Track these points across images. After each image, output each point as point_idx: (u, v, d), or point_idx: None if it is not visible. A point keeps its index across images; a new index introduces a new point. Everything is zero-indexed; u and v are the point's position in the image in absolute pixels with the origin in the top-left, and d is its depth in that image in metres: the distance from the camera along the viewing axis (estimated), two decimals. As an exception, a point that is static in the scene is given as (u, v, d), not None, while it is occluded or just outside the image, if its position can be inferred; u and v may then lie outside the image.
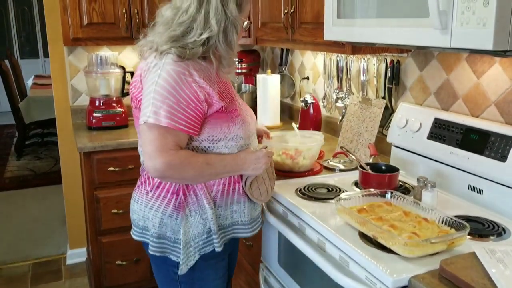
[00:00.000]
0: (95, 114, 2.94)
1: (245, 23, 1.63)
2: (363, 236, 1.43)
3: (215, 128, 1.54)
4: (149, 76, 1.50)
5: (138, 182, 1.68)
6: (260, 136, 1.96)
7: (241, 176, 1.66)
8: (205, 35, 1.49)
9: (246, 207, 1.67)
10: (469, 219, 1.53)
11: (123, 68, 3.06)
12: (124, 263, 2.84)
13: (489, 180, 1.64)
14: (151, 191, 1.61)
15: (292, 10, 2.28)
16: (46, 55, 8.91)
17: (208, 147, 1.56)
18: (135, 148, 2.69)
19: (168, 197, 1.57)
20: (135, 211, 1.67)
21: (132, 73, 3.10)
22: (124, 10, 2.86)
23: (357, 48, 1.94)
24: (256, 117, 2.00)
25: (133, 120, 3.06)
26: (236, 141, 1.59)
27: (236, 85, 3.34)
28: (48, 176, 5.33)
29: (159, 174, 1.46)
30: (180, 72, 1.46)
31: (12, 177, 5.38)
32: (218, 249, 1.61)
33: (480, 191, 1.68)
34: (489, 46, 1.15)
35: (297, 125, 2.70)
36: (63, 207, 3.47)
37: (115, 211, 2.75)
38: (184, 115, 1.45)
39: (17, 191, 4.98)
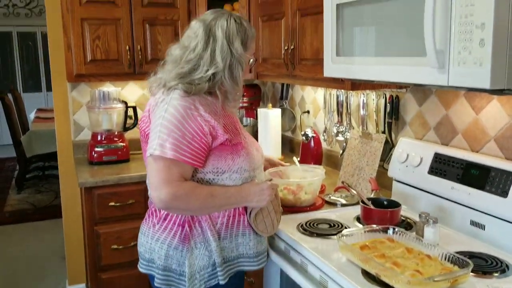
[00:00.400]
0: (96, 149, 2.96)
1: (251, 60, 1.69)
2: (366, 273, 1.42)
3: (220, 160, 1.58)
4: (157, 111, 1.56)
5: (146, 215, 1.71)
6: (267, 166, 2.00)
7: (245, 208, 1.67)
8: (211, 71, 1.56)
9: (252, 240, 1.68)
10: (471, 255, 1.52)
11: (125, 103, 3.09)
12: (124, 299, 2.81)
13: (491, 215, 1.64)
14: (157, 223, 1.63)
15: (292, 47, 2.33)
16: (48, 88, 9.00)
17: (213, 179, 1.59)
18: (136, 183, 2.73)
19: (174, 229, 1.59)
20: (142, 244, 1.68)
21: (134, 108, 3.14)
22: (127, 47, 2.91)
23: (356, 85, 1.97)
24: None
25: (134, 154, 3.10)
26: (241, 173, 1.62)
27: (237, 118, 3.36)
28: (48, 210, 5.30)
29: (164, 205, 1.49)
30: (186, 106, 1.52)
31: (12, 211, 5.35)
32: (222, 282, 1.61)
33: (482, 227, 1.68)
34: (487, 85, 1.17)
35: (298, 159, 2.71)
36: (62, 242, 3.44)
37: (115, 246, 2.73)
38: (189, 147, 1.49)
39: (17, 225, 4.95)
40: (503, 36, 1.15)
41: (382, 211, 1.78)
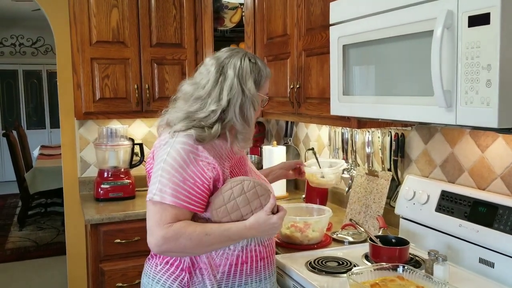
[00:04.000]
0: (103, 186, 2.97)
1: (264, 99, 1.68)
2: (377, 312, 1.41)
3: None
4: (159, 153, 1.53)
5: (150, 254, 1.67)
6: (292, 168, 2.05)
7: (248, 255, 1.59)
8: (212, 107, 1.53)
9: None
10: (483, 293, 1.52)
11: (132, 140, 3.13)
12: None
13: (500, 253, 1.63)
14: (160, 264, 1.60)
15: (297, 86, 2.37)
16: (52, 125, 9.08)
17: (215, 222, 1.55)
18: (142, 220, 2.71)
19: (176, 274, 1.56)
20: (144, 285, 1.65)
21: (141, 145, 3.17)
22: (135, 86, 2.97)
23: (362, 123, 2.00)
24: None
25: (140, 191, 3.11)
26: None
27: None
28: (50, 247, 5.27)
29: (158, 249, 1.47)
30: (188, 150, 1.49)
31: (13, 249, 5.31)
32: None
33: (491, 264, 1.67)
34: (494, 124, 1.19)
35: (304, 196, 2.72)
36: (65, 279, 3.41)
37: (120, 284, 2.70)
38: (190, 192, 1.47)
39: (18, 262, 4.91)
40: (509, 76, 1.18)
41: (390, 249, 1.78)
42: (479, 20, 1.22)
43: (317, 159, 2.32)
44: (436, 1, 1.36)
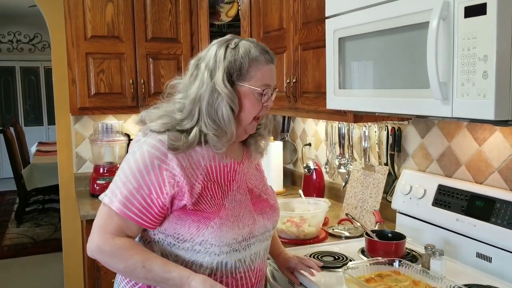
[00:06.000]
0: (98, 182, 2.95)
1: (264, 90, 1.42)
2: (373, 307, 1.39)
3: (182, 226, 1.33)
4: (129, 150, 1.40)
5: None
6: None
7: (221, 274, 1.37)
8: (181, 101, 1.36)
9: None
10: (479, 288, 1.51)
11: (128, 135, 3.11)
12: (123, 335, 2.75)
13: (497, 247, 1.62)
14: None
15: (294, 80, 2.35)
16: (50, 122, 9.06)
17: (173, 244, 1.36)
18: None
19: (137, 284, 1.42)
20: (116, 281, 1.53)
21: (136, 141, 3.15)
22: (131, 81, 2.95)
23: (358, 117, 1.98)
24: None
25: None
26: (205, 247, 1.33)
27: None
28: (47, 244, 5.26)
29: (89, 253, 1.33)
30: (155, 156, 1.31)
31: (11, 245, 5.30)
32: None
33: (488, 259, 1.66)
34: (491, 117, 1.18)
35: (301, 190, 2.70)
36: (62, 275, 3.40)
37: (116, 280, 2.69)
38: (141, 204, 1.30)
39: (16, 259, 4.90)
40: (506, 68, 1.16)
41: (387, 244, 1.77)
42: (475, 10, 1.20)
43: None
44: (432, -8, 1.34)
